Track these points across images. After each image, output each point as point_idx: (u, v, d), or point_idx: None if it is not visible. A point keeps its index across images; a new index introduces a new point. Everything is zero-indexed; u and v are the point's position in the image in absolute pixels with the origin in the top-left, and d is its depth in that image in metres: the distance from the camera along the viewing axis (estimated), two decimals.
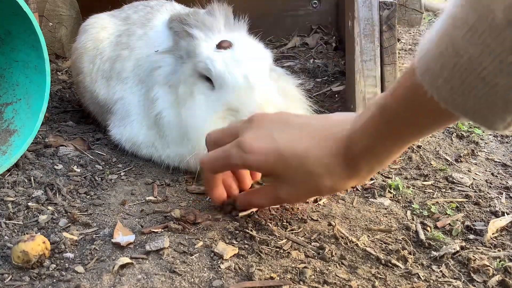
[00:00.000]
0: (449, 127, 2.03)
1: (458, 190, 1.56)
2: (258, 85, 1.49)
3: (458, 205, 1.46)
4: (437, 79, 0.72)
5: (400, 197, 1.50)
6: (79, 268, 1.12)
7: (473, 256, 1.19)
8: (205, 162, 1.03)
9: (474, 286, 1.11)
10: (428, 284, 1.11)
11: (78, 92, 2.19)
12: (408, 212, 1.42)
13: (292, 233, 1.28)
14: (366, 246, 1.23)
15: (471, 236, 1.31)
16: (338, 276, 1.11)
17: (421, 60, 0.75)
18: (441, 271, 1.16)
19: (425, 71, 0.74)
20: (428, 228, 1.33)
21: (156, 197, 1.47)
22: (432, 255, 1.21)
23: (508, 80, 0.64)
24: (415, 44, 3.42)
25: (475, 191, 1.55)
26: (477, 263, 1.16)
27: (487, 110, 0.68)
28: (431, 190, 1.55)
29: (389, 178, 1.62)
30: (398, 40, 3.38)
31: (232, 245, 1.21)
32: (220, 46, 1.54)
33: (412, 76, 0.78)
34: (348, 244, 1.24)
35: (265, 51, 1.58)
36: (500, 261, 1.18)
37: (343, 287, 1.08)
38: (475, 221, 1.38)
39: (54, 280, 1.09)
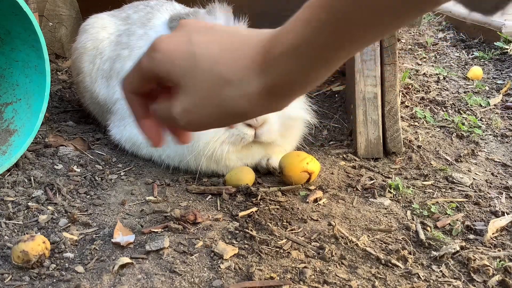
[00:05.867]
0: (448, 127, 2.03)
1: (458, 190, 1.56)
2: None
3: (458, 205, 1.46)
4: None
5: (400, 197, 1.50)
6: (79, 268, 1.12)
7: (473, 256, 1.19)
8: (123, 79, 0.80)
9: (474, 286, 1.11)
10: (428, 284, 1.11)
11: (78, 92, 2.19)
12: (408, 212, 1.42)
13: (292, 233, 1.28)
14: (366, 246, 1.23)
15: (471, 236, 1.31)
16: (338, 276, 1.11)
17: None
18: (441, 271, 1.16)
19: None
20: (428, 228, 1.33)
21: (156, 197, 1.47)
22: (432, 255, 1.21)
23: None
24: (415, 44, 3.42)
25: (475, 191, 1.55)
26: (477, 263, 1.16)
27: None
28: (431, 190, 1.55)
29: (389, 178, 1.62)
30: (398, 40, 3.38)
31: (232, 245, 1.21)
32: None
33: None
34: (348, 244, 1.24)
35: None
36: (500, 261, 1.18)
37: (343, 287, 1.08)
38: (475, 221, 1.38)
39: (54, 280, 1.09)
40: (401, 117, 2.03)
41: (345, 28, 0.61)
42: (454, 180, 1.61)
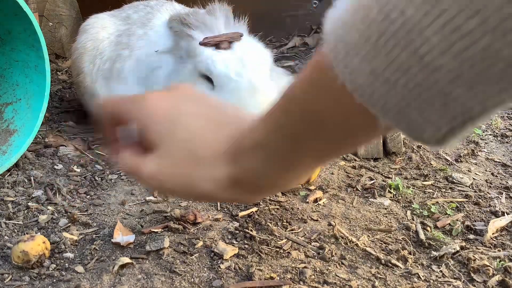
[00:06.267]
0: None
1: (458, 190, 1.56)
2: (259, 85, 1.49)
3: (458, 205, 1.46)
4: (351, 57, 0.47)
5: (400, 197, 1.50)
6: (79, 268, 1.12)
7: (473, 256, 1.19)
8: (106, 100, 0.78)
9: (474, 286, 1.11)
10: (428, 284, 1.11)
11: (78, 92, 2.19)
12: (408, 212, 1.42)
13: (292, 233, 1.28)
14: (366, 246, 1.23)
15: (471, 236, 1.31)
16: (338, 276, 1.11)
17: (332, 30, 0.50)
18: (441, 271, 1.16)
19: (336, 44, 0.48)
20: (428, 228, 1.33)
21: (156, 197, 1.47)
22: (432, 255, 1.21)
23: (455, 64, 0.39)
24: None
25: (475, 191, 1.55)
26: (477, 263, 1.16)
27: (416, 111, 0.44)
28: (431, 190, 1.55)
29: (389, 178, 1.62)
30: None
31: (232, 245, 1.21)
32: (220, 47, 1.54)
33: (321, 56, 0.52)
34: (348, 244, 1.24)
35: (265, 51, 1.58)
36: (500, 261, 1.18)
37: (343, 287, 1.08)
38: (475, 221, 1.38)
39: (54, 280, 1.09)
40: None
41: (302, 137, 0.58)
42: (454, 180, 1.61)
